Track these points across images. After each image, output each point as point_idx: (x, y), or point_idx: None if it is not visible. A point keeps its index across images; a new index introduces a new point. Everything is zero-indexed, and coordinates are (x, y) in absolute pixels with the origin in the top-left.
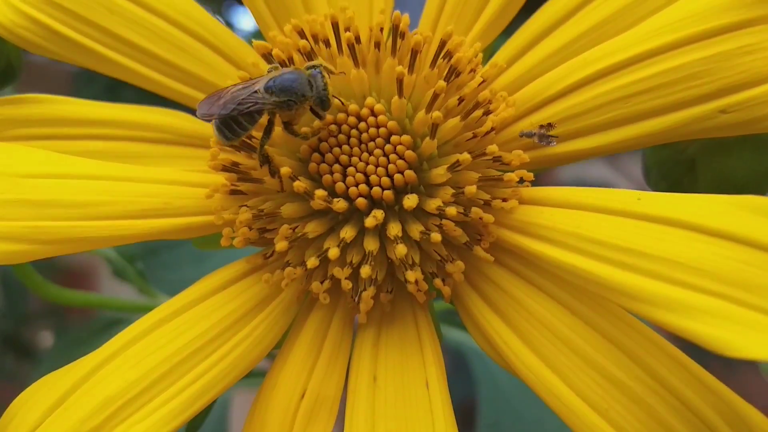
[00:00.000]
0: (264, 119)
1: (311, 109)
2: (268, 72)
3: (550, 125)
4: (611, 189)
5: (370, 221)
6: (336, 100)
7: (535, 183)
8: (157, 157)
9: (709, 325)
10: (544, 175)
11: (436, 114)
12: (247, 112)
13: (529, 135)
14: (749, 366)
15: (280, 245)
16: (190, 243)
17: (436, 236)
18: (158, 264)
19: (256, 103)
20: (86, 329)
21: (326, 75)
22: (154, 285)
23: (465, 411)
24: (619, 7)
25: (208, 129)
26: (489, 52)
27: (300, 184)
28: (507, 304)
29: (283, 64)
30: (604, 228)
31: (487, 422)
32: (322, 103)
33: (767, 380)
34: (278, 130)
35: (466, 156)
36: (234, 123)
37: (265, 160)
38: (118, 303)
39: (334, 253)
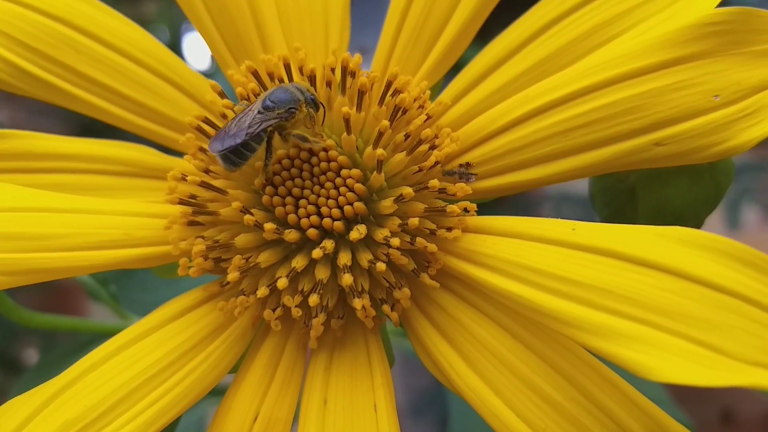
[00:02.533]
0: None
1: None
2: (245, 105)
3: (468, 164)
4: (550, 219)
5: (317, 252)
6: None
7: (525, 198)
8: (120, 189)
9: (632, 350)
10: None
11: (379, 151)
12: (257, 133)
13: (451, 174)
14: None
15: (232, 276)
16: None
17: (381, 265)
18: (134, 285)
19: (262, 122)
20: (70, 345)
21: (305, 82)
22: (128, 306)
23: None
24: (558, 46)
25: (171, 162)
26: (439, 87)
27: (250, 218)
28: (452, 328)
29: (247, 101)
30: (540, 256)
31: (459, 428)
32: (314, 103)
33: (750, 391)
34: None
35: (408, 190)
36: (243, 148)
37: (267, 178)
38: (88, 326)
39: (282, 283)
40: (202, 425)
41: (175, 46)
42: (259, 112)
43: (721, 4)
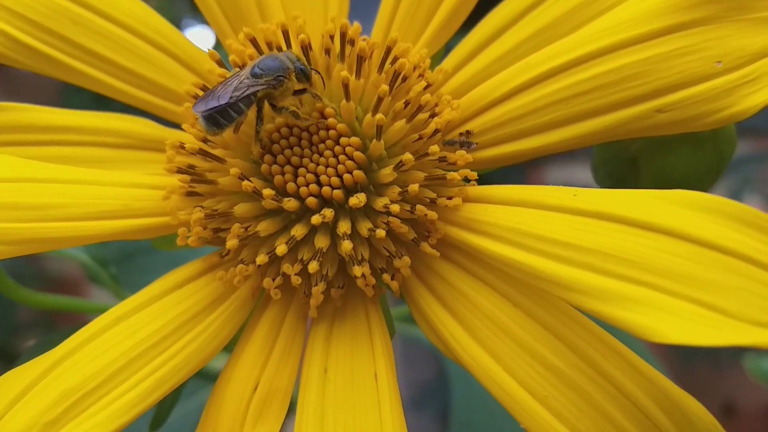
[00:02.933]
0: (252, 111)
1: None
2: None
3: (469, 133)
4: (550, 186)
5: (316, 219)
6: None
7: (520, 182)
8: (119, 161)
9: (636, 313)
10: (530, 175)
11: (379, 116)
12: (243, 97)
13: (451, 143)
14: (736, 367)
15: (231, 243)
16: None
17: (380, 233)
18: (135, 268)
19: (248, 87)
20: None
21: (297, 52)
22: (130, 289)
23: (446, 413)
24: (560, 13)
25: (169, 134)
26: (440, 57)
27: (248, 184)
28: (453, 298)
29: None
30: (541, 223)
31: (460, 420)
32: (303, 72)
33: (754, 383)
34: (231, 133)
35: (408, 156)
36: (230, 109)
37: (260, 144)
38: (91, 306)
39: (281, 249)
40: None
41: None
42: (246, 78)
43: None
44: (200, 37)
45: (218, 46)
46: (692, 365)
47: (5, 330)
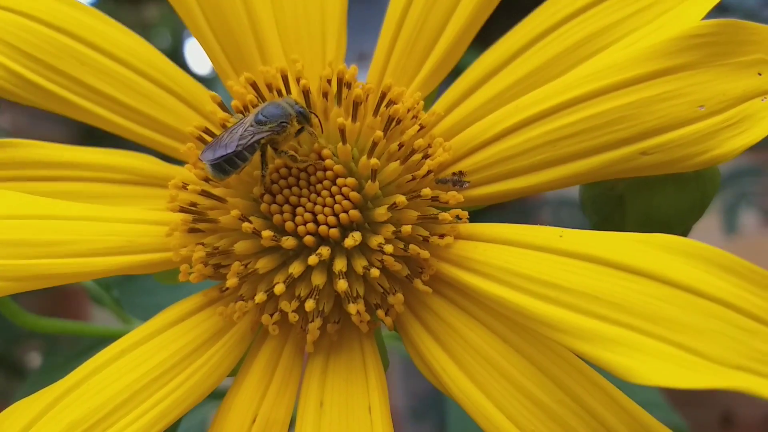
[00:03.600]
0: (256, 157)
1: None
2: (239, 118)
3: (461, 173)
4: (539, 227)
5: (312, 259)
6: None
7: (524, 203)
8: (122, 197)
9: (617, 354)
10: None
11: (374, 161)
12: (249, 145)
13: (444, 182)
14: None
15: (231, 281)
16: None
17: (375, 271)
18: (136, 290)
19: (254, 134)
20: (72, 350)
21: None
22: (131, 310)
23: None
24: (548, 58)
25: (171, 170)
26: (433, 97)
27: (248, 225)
28: (445, 333)
29: (240, 113)
30: (529, 262)
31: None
32: (303, 116)
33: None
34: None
35: (401, 198)
36: (236, 158)
37: (265, 187)
38: (92, 330)
39: (279, 288)
40: (204, 428)
41: (177, 51)
42: (251, 125)
43: (722, 8)
44: (201, 51)
45: None
46: None
47: (7, 339)
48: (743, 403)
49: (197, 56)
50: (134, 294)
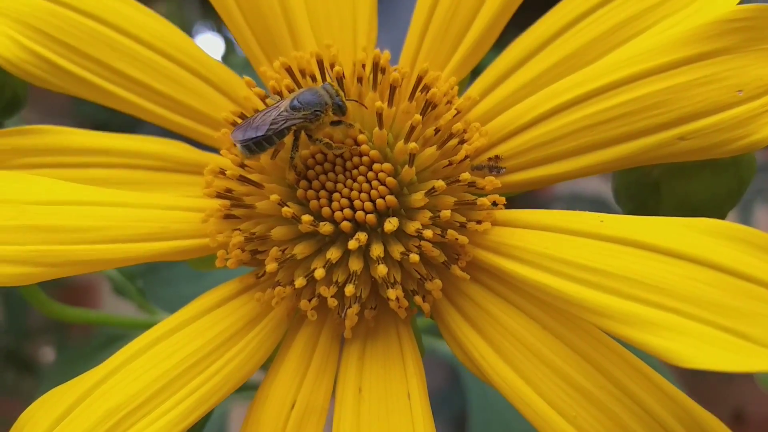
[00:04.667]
0: (289, 139)
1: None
2: (276, 100)
3: (497, 158)
4: (577, 212)
5: (352, 244)
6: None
7: (536, 198)
8: (155, 183)
9: (663, 338)
10: (542, 189)
11: (412, 145)
12: (279, 130)
13: (480, 168)
14: (746, 376)
15: (270, 266)
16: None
17: (414, 257)
18: (158, 281)
19: (287, 120)
20: (87, 345)
21: (335, 85)
22: (153, 301)
23: (458, 421)
24: (584, 42)
25: (203, 157)
26: (466, 82)
27: (288, 210)
28: (483, 319)
29: (279, 96)
30: (569, 248)
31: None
32: (340, 108)
33: (763, 391)
34: (268, 159)
35: (440, 183)
36: (264, 141)
37: (295, 170)
38: (118, 320)
39: (320, 273)
40: (225, 420)
41: None
42: (285, 110)
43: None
44: (210, 45)
45: (228, 54)
46: (703, 373)
47: (17, 335)
48: (755, 401)
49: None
50: (156, 285)
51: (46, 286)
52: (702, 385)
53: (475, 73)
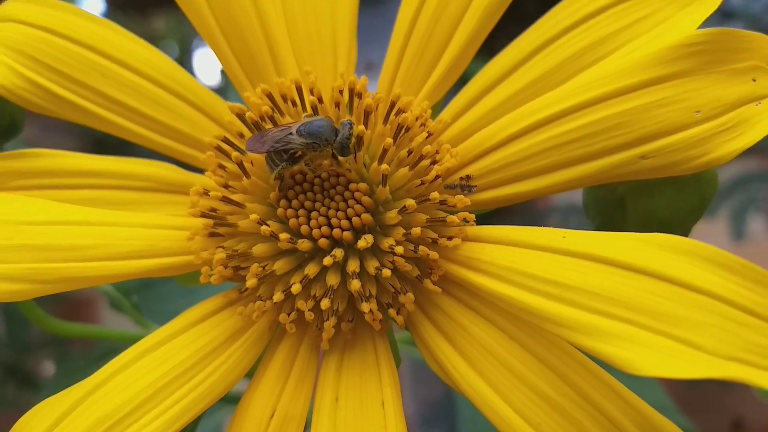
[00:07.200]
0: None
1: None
2: (305, 118)
3: (468, 177)
4: (542, 228)
5: (327, 260)
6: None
7: (531, 208)
8: (144, 203)
9: (617, 347)
10: (539, 199)
11: (384, 167)
12: (281, 149)
13: (452, 187)
14: (745, 388)
15: (250, 282)
16: None
17: (386, 272)
18: (153, 296)
19: (287, 143)
20: (85, 358)
21: (354, 128)
22: (148, 316)
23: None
24: (551, 66)
25: (189, 178)
26: (440, 105)
27: (266, 228)
28: (454, 330)
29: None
30: (533, 262)
31: None
32: (342, 149)
33: (760, 401)
34: (253, 179)
35: (411, 202)
36: (273, 158)
37: (280, 182)
38: (113, 334)
39: (296, 288)
40: (219, 431)
41: (185, 63)
42: (291, 133)
43: (726, 14)
44: (209, 60)
45: None
46: (700, 383)
47: (18, 349)
48: (754, 410)
49: (205, 68)
50: (152, 301)
51: (47, 300)
52: (702, 395)
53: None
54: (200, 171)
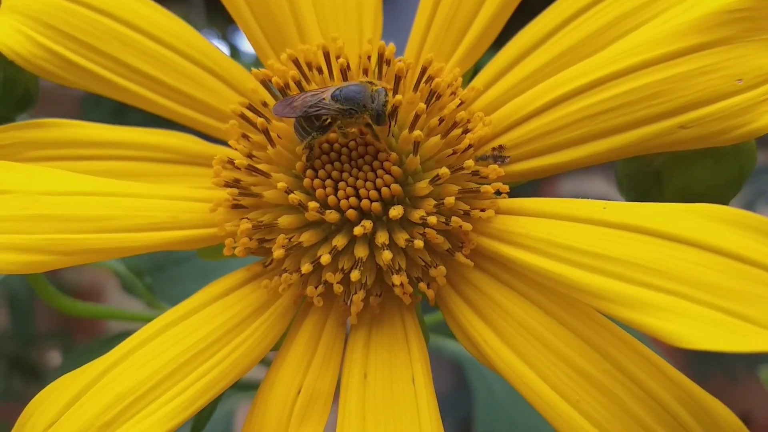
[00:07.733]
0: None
1: (366, 124)
2: (321, 86)
3: (501, 147)
4: (580, 200)
5: (358, 230)
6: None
7: (537, 195)
8: (164, 175)
9: (662, 319)
10: (544, 188)
11: (417, 133)
12: (313, 115)
13: (484, 158)
14: (751, 378)
15: (278, 253)
16: (195, 260)
17: (418, 243)
18: (164, 279)
19: (321, 108)
20: (95, 341)
21: (389, 95)
22: (160, 300)
23: (463, 424)
24: (586, 35)
25: (213, 149)
26: (469, 76)
27: (294, 197)
28: (486, 305)
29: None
30: (572, 234)
31: (483, 429)
32: (378, 117)
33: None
34: (279, 149)
35: (445, 170)
36: (303, 124)
37: (309, 151)
38: (126, 314)
39: (326, 259)
40: (231, 418)
41: None
42: (325, 98)
43: None
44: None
45: (233, 57)
46: (707, 377)
47: (23, 341)
48: (761, 403)
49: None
50: (164, 284)
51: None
52: (707, 388)
53: (476, 71)
54: (221, 143)
